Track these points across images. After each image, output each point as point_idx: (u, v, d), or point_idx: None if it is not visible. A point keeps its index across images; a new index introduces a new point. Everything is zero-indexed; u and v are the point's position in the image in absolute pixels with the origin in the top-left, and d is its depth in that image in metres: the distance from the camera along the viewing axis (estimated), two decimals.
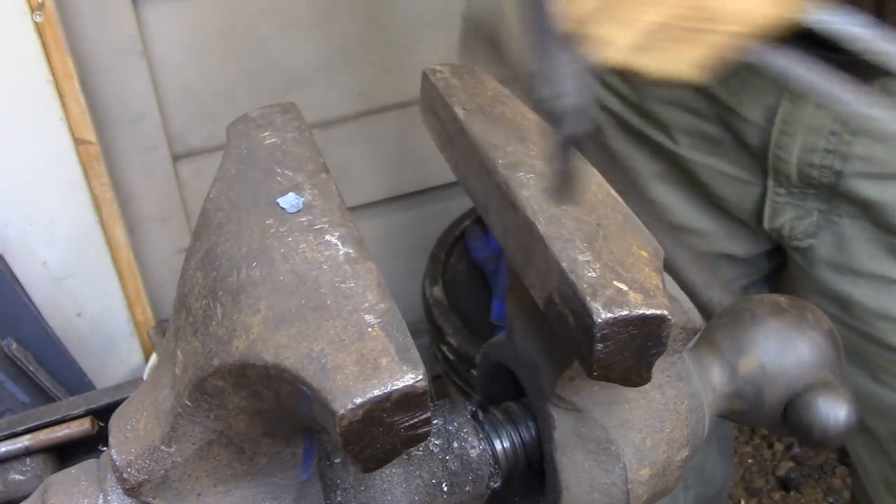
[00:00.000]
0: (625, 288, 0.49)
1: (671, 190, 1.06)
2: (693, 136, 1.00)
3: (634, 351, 0.49)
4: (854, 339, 0.96)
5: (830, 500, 2.11)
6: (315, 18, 1.69)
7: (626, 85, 1.02)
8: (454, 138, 0.62)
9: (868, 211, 0.92)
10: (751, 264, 1.10)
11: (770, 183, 0.96)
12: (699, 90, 0.95)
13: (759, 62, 0.60)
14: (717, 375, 0.68)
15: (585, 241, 0.52)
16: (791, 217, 0.97)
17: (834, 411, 0.64)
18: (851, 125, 0.87)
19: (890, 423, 1.02)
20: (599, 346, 0.48)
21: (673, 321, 0.50)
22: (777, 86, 0.89)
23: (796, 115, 0.89)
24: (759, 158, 0.96)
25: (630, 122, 1.05)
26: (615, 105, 1.06)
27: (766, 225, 0.99)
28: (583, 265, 0.50)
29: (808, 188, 0.94)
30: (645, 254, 0.52)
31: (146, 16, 1.52)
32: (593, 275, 0.50)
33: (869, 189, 0.90)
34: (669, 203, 1.07)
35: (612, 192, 0.58)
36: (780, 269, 1.10)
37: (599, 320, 0.48)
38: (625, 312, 0.48)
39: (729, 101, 0.93)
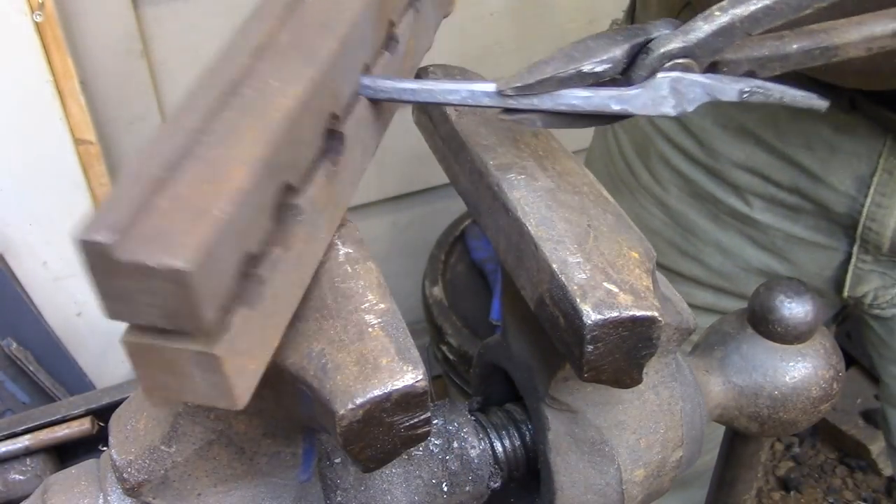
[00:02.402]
0: (615, 289, 0.49)
1: (739, 255, 1.01)
2: (768, 201, 0.95)
3: (625, 352, 0.49)
4: None
5: (830, 500, 2.12)
6: None
7: (696, 144, 0.98)
8: (446, 139, 0.62)
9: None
10: None
11: (856, 250, 0.92)
12: (781, 156, 0.91)
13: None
14: (713, 383, 0.68)
15: (576, 242, 0.52)
16: (876, 286, 0.94)
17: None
18: None
19: None
20: (590, 347, 0.48)
21: (664, 322, 0.49)
22: (870, 155, 0.86)
23: (893, 186, 0.86)
24: (843, 225, 0.92)
25: (697, 181, 1.00)
26: (680, 162, 1.00)
27: (846, 293, 0.96)
28: (573, 266, 0.50)
29: None
30: (636, 255, 0.52)
31: (146, 16, 1.52)
32: (583, 276, 0.50)
33: None
34: (737, 270, 1.02)
35: (604, 192, 0.58)
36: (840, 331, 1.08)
37: (589, 322, 0.48)
38: (615, 314, 0.48)
39: (814, 169, 0.89)
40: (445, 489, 0.62)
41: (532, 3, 1.82)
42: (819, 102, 0.54)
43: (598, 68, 0.50)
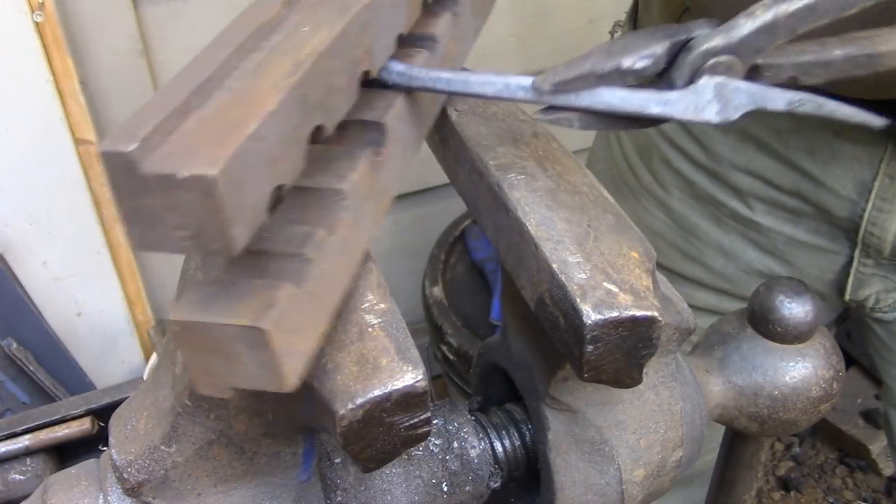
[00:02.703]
0: (615, 289, 0.49)
1: (741, 257, 1.01)
2: (769, 204, 0.95)
3: (625, 352, 0.49)
4: None
5: (830, 500, 2.12)
6: None
7: (698, 148, 0.98)
8: (446, 139, 0.62)
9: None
10: None
11: (857, 254, 0.92)
12: (782, 160, 0.91)
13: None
14: (713, 383, 0.68)
15: (576, 242, 0.52)
16: (878, 290, 0.94)
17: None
18: None
19: None
20: (589, 347, 0.48)
21: (664, 322, 0.49)
22: (872, 160, 0.86)
23: (895, 190, 0.86)
24: (844, 229, 0.91)
25: (699, 184, 1.00)
26: (683, 165, 1.00)
27: (847, 296, 0.96)
28: (573, 266, 0.50)
29: None
30: (636, 255, 0.52)
31: (146, 16, 1.52)
32: (583, 276, 0.50)
33: None
34: (738, 272, 1.02)
35: (604, 192, 0.58)
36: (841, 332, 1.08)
37: (589, 322, 0.48)
38: (614, 314, 0.48)
39: (815, 173, 0.89)
40: (445, 489, 0.62)
41: (532, 3, 1.82)
42: (877, 121, 0.52)
43: (639, 64, 0.48)
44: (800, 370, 0.68)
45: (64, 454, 1.23)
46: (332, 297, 0.43)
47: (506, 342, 0.66)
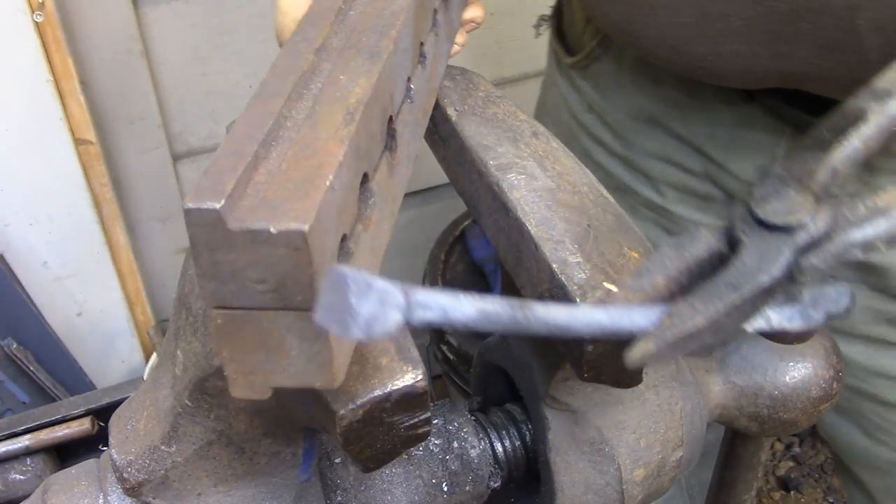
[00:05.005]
0: (615, 289, 0.49)
1: (655, 244, 1.03)
2: (680, 191, 0.97)
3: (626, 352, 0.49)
4: (848, 396, 0.94)
5: (830, 500, 2.12)
6: None
7: (614, 137, 1.00)
8: (446, 139, 0.62)
9: (868, 274, 0.89)
10: None
11: None
12: (688, 144, 0.93)
13: None
14: (713, 383, 0.68)
15: (576, 242, 0.52)
16: None
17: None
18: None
19: (885, 479, 1.01)
20: (589, 347, 0.48)
21: None
22: (769, 144, 0.87)
23: None
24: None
25: (616, 175, 1.02)
26: (601, 156, 1.02)
27: None
28: (573, 266, 0.50)
29: None
30: (636, 255, 0.52)
31: (146, 16, 1.52)
32: (583, 276, 0.50)
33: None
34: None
35: (604, 192, 0.58)
36: None
37: None
38: None
39: (718, 157, 0.91)
40: (445, 489, 0.62)
41: (532, 3, 1.82)
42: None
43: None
44: (800, 370, 0.68)
45: (64, 454, 1.23)
46: None
47: (506, 342, 0.66)
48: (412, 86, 0.51)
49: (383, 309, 0.34)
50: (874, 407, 0.95)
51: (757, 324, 0.42)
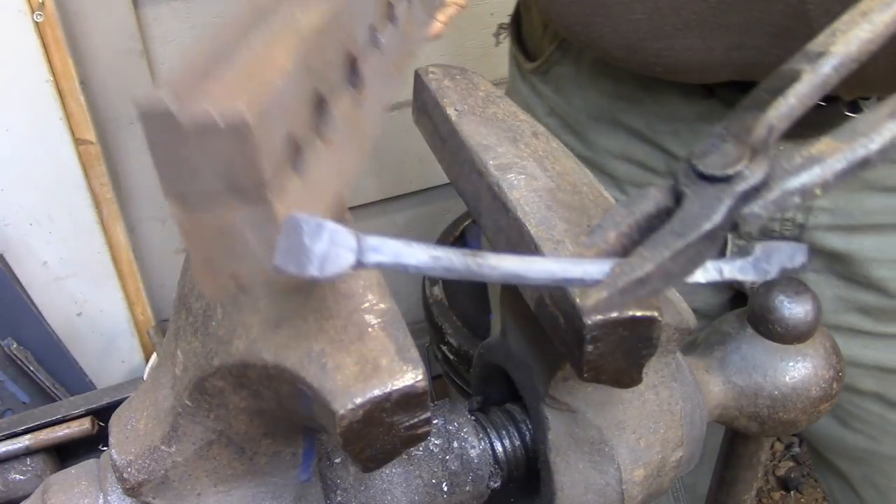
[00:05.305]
0: None
1: None
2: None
3: (625, 352, 0.49)
4: None
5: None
6: None
7: (575, 139, 1.00)
8: (446, 139, 0.62)
9: (834, 263, 0.90)
10: (714, 316, 1.09)
11: (729, 236, 0.93)
12: (650, 143, 0.94)
13: None
14: (713, 383, 0.68)
15: (576, 242, 0.52)
16: None
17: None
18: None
19: (863, 468, 1.01)
20: (590, 347, 0.48)
21: (664, 322, 0.49)
22: None
23: None
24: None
25: None
26: None
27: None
28: None
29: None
30: None
31: (146, 16, 1.52)
32: None
33: (834, 241, 0.89)
34: None
35: (604, 192, 0.58)
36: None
37: (589, 322, 0.48)
38: (615, 314, 0.48)
39: (681, 154, 0.92)
40: (445, 489, 0.62)
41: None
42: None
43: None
44: (800, 370, 0.68)
45: (64, 454, 1.23)
46: (327, 198, 0.44)
47: (505, 342, 0.66)
48: (379, 37, 0.52)
49: (336, 249, 0.37)
50: (848, 396, 0.95)
51: (709, 275, 0.44)
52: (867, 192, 0.87)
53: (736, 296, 1.05)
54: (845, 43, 0.46)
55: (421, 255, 0.40)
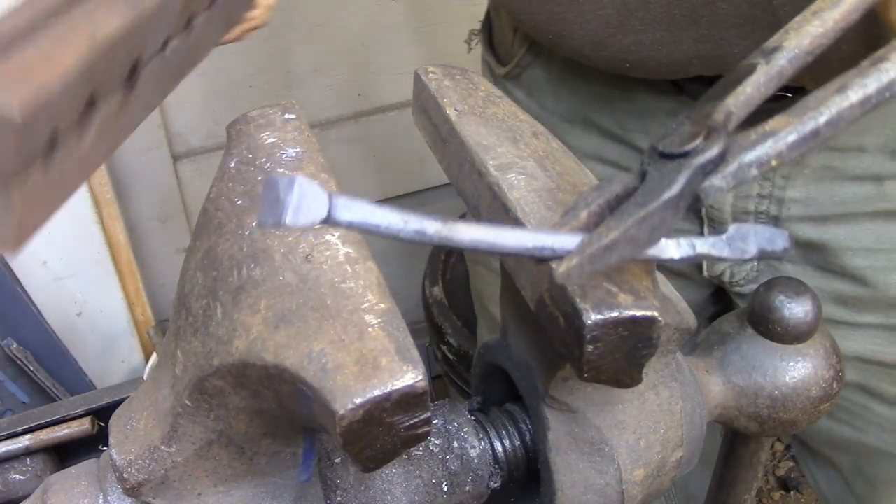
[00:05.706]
0: (614, 289, 0.49)
1: None
2: None
3: (625, 353, 0.49)
4: None
5: None
6: (315, 19, 1.69)
7: None
8: (446, 139, 0.62)
9: (810, 252, 0.91)
10: (697, 311, 1.09)
11: (705, 230, 0.94)
12: (623, 142, 0.94)
13: None
14: (713, 383, 0.68)
15: None
16: (730, 263, 0.96)
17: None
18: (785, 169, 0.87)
19: (852, 458, 1.01)
20: (589, 347, 0.48)
21: (664, 322, 0.49)
22: None
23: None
24: (691, 207, 0.94)
25: None
26: None
27: (705, 273, 0.98)
28: None
29: None
30: None
31: None
32: None
33: (808, 231, 0.89)
34: None
35: None
36: (728, 309, 1.09)
37: (589, 322, 0.48)
38: (614, 314, 0.48)
39: None
40: (445, 489, 0.62)
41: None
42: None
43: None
44: (800, 370, 0.68)
45: (64, 454, 1.23)
46: (64, 197, 0.46)
47: (505, 342, 0.66)
48: (169, 44, 0.52)
49: (308, 201, 0.38)
50: None
51: (683, 250, 0.47)
52: (838, 181, 0.87)
53: (717, 291, 1.05)
54: (798, 38, 0.51)
55: (392, 217, 0.41)
